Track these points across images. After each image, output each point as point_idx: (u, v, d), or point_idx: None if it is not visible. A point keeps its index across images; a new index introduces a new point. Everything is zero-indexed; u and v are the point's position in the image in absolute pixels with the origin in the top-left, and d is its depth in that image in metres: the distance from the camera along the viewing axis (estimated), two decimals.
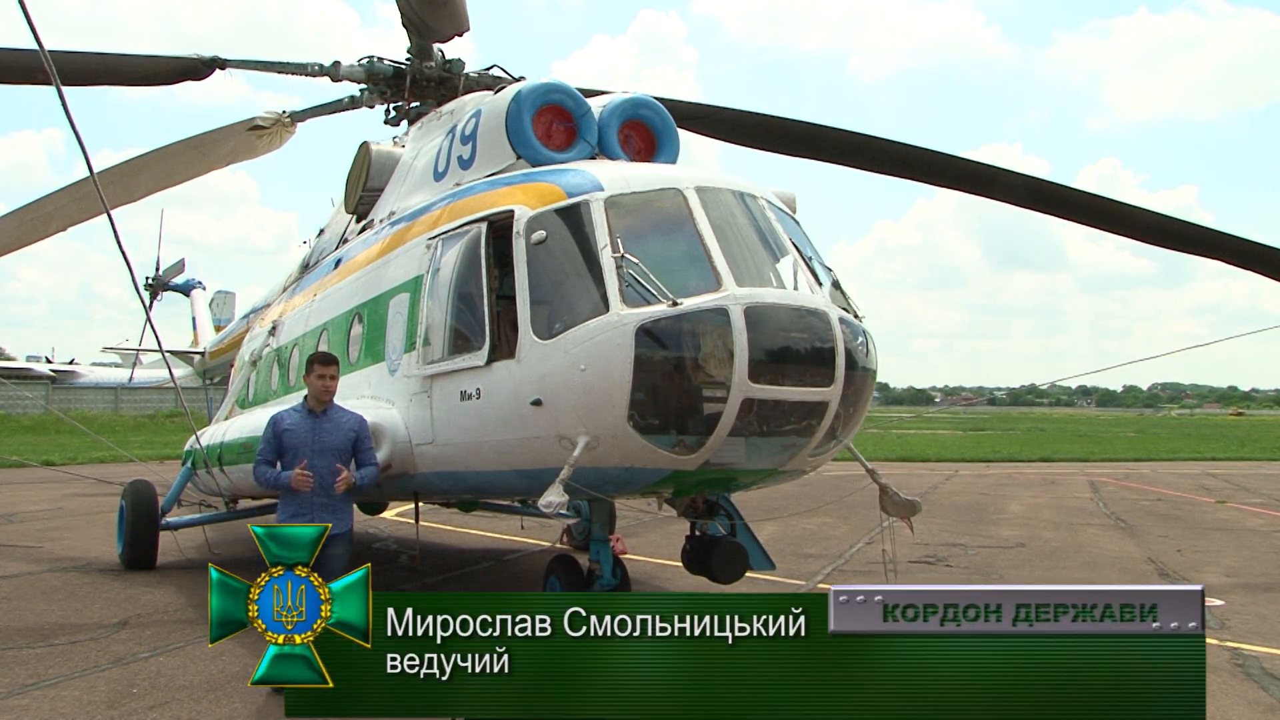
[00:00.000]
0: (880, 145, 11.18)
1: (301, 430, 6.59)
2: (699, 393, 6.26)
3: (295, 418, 6.68)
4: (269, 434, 6.66)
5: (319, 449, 6.56)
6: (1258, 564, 12.31)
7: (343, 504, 6.70)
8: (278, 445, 6.63)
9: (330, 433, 6.64)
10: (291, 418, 6.69)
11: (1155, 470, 29.24)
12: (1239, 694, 6.65)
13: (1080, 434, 56.33)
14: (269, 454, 6.63)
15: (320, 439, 6.59)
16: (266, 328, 12.87)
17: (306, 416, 6.68)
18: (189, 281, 24.58)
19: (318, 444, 6.57)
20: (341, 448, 6.62)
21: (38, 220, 11.98)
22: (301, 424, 6.63)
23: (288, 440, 6.60)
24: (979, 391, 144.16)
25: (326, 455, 6.55)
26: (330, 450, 6.58)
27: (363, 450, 6.78)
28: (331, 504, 6.56)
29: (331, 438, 6.62)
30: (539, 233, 6.86)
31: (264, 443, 6.69)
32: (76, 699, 6.26)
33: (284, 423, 6.67)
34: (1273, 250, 11.37)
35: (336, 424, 6.69)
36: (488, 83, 10.81)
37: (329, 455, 6.56)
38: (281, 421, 6.68)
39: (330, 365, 6.77)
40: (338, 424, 6.70)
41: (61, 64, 7.11)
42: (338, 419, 6.73)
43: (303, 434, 6.57)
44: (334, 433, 6.64)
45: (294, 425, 6.63)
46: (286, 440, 6.60)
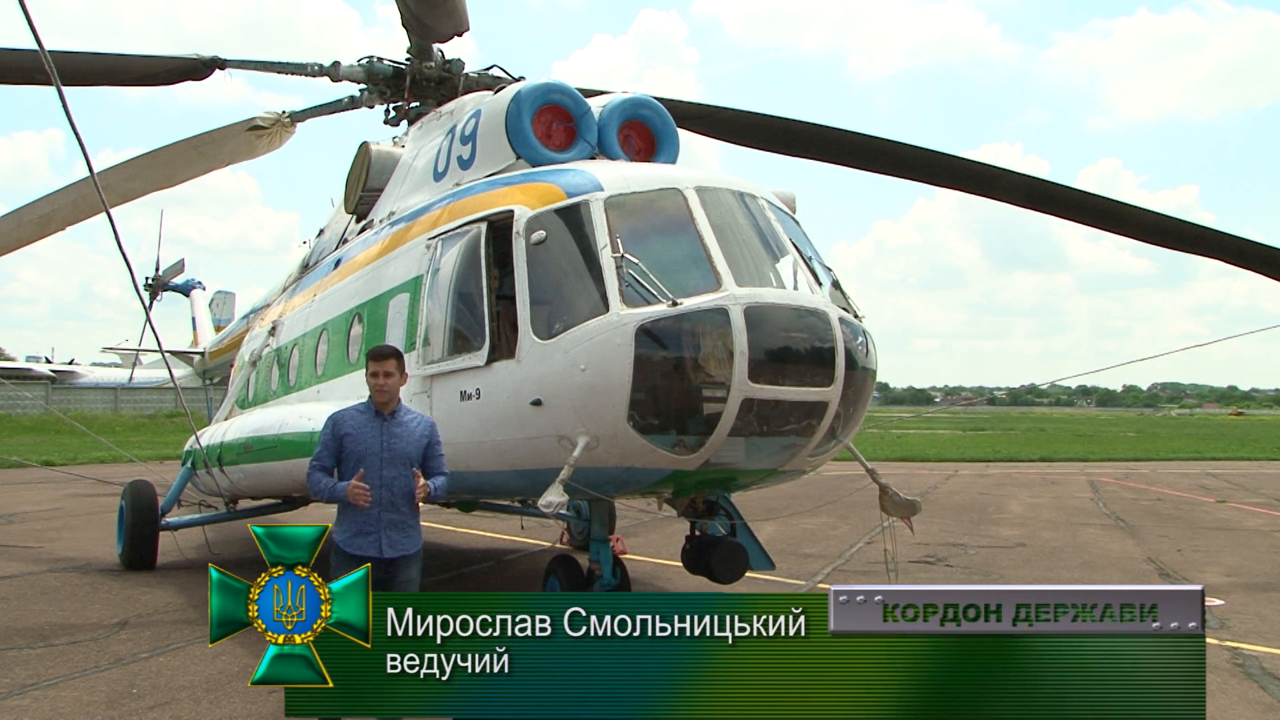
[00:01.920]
0: (880, 145, 11.18)
1: (367, 435, 5.62)
2: (699, 393, 6.27)
3: (360, 420, 5.70)
4: (327, 435, 5.71)
5: (389, 457, 5.61)
6: (1258, 564, 12.31)
7: (415, 520, 5.76)
8: (337, 450, 5.67)
9: (401, 439, 5.66)
10: (355, 420, 5.71)
11: (1155, 470, 29.23)
12: (1239, 694, 6.65)
13: (1080, 434, 56.33)
14: (326, 459, 5.67)
15: (391, 446, 5.63)
16: (266, 328, 12.87)
17: (373, 419, 5.68)
18: (189, 282, 24.57)
19: (388, 451, 5.61)
20: (414, 456, 5.67)
21: (38, 220, 11.98)
22: (368, 428, 5.65)
23: (351, 446, 5.62)
24: (979, 391, 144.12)
25: (397, 464, 5.62)
26: (402, 459, 5.63)
27: (434, 457, 5.79)
28: (403, 520, 5.62)
29: (403, 444, 5.66)
30: (539, 233, 6.86)
31: (321, 445, 5.72)
32: (76, 699, 6.26)
33: (346, 424, 5.69)
34: (1273, 250, 11.37)
35: (407, 429, 5.71)
36: (487, 83, 10.82)
37: (400, 464, 5.62)
38: (343, 423, 5.70)
39: (386, 360, 5.72)
40: (408, 429, 5.72)
41: (61, 64, 7.11)
42: (408, 423, 5.76)
43: (369, 440, 5.61)
44: (405, 439, 5.67)
45: (359, 429, 5.65)
46: (350, 446, 5.63)
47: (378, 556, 5.45)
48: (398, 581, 5.59)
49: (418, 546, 5.73)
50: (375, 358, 5.77)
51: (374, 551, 5.48)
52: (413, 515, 5.70)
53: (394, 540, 5.57)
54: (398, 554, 5.56)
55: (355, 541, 5.53)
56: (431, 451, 5.77)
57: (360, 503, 5.44)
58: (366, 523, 5.54)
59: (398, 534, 5.60)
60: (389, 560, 5.52)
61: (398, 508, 5.60)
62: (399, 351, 5.88)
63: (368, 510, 5.51)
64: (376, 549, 5.50)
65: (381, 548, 5.50)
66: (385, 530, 5.55)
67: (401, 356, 5.83)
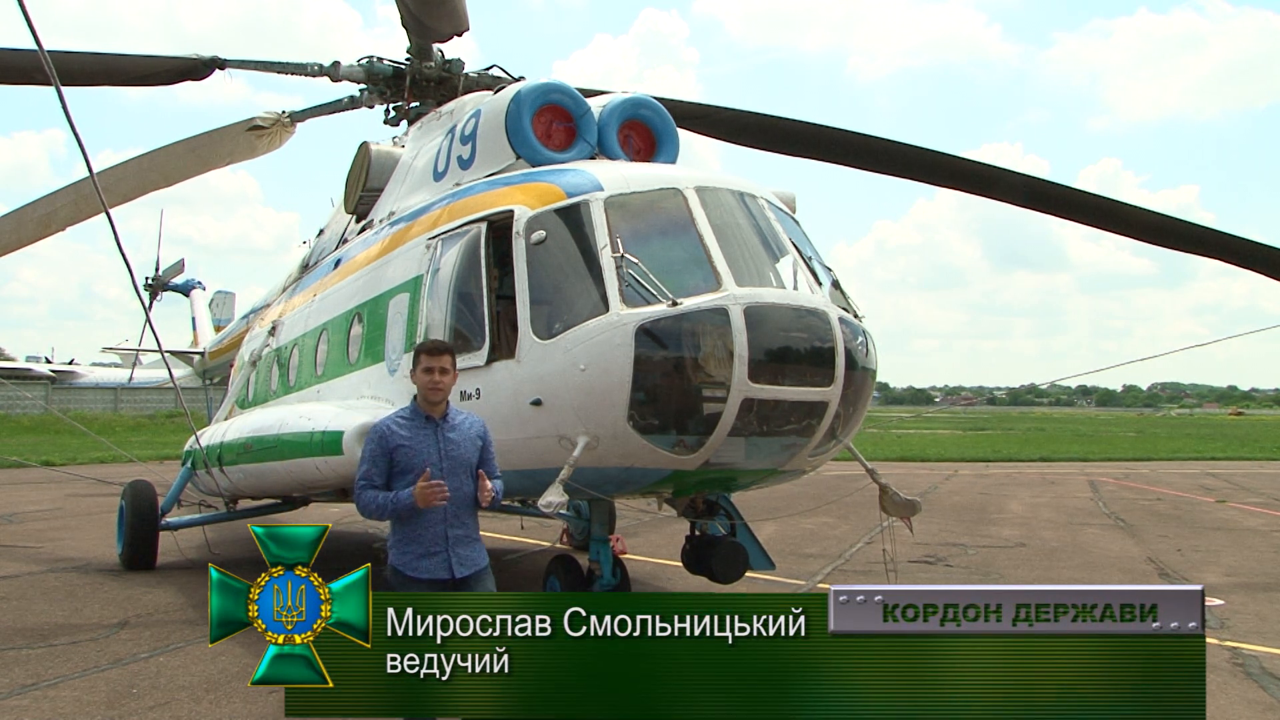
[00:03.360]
0: (880, 145, 11.18)
1: (422, 444, 5.02)
2: (699, 392, 6.27)
3: (410, 429, 5.05)
4: (373, 450, 5.05)
5: (450, 466, 5.01)
6: (1258, 564, 12.30)
7: (478, 532, 5.24)
8: (388, 466, 5.03)
9: (458, 444, 5.09)
10: (405, 429, 5.05)
11: (1155, 470, 29.23)
12: (1239, 694, 6.65)
13: (1080, 434, 56.31)
14: (376, 477, 5.03)
15: (450, 453, 5.04)
16: (266, 328, 12.87)
17: (424, 425, 5.08)
18: (189, 282, 24.59)
19: (448, 459, 5.03)
20: (473, 462, 5.12)
21: (38, 220, 11.98)
22: (420, 436, 5.04)
23: (406, 460, 4.99)
24: (979, 391, 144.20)
25: (458, 473, 5.03)
26: (462, 466, 5.06)
27: (489, 459, 5.25)
28: (468, 535, 5.10)
29: (461, 450, 5.08)
30: (539, 233, 6.86)
31: (366, 462, 5.06)
32: (76, 699, 6.26)
33: (397, 435, 5.03)
34: (1273, 250, 11.37)
35: (462, 432, 5.14)
36: (487, 83, 10.82)
37: (460, 473, 5.05)
38: (392, 435, 5.04)
39: (441, 355, 5.14)
40: (463, 432, 5.14)
41: (61, 64, 7.12)
42: (461, 425, 5.17)
43: (424, 449, 5.00)
44: (462, 444, 5.09)
45: (411, 439, 5.02)
46: (404, 460, 4.99)
47: (449, 578, 4.99)
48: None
49: (486, 560, 5.22)
50: (430, 352, 5.14)
51: (444, 573, 4.98)
52: (476, 527, 5.21)
53: (463, 557, 5.04)
54: (469, 571, 5.06)
55: (420, 564, 4.98)
56: (486, 454, 5.23)
57: (436, 501, 4.86)
58: (432, 542, 4.98)
59: (466, 549, 5.07)
60: (460, 579, 5.02)
61: (463, 521, 5.08)
62: (452, 346, 5.45)
63: (432, 528, 4.97)
64: (446, 569, 4.99)
65: (452, 567, 4.99)
66: (453, 548, 5.01)
67: (454, 353, 5.33)
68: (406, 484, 4.93)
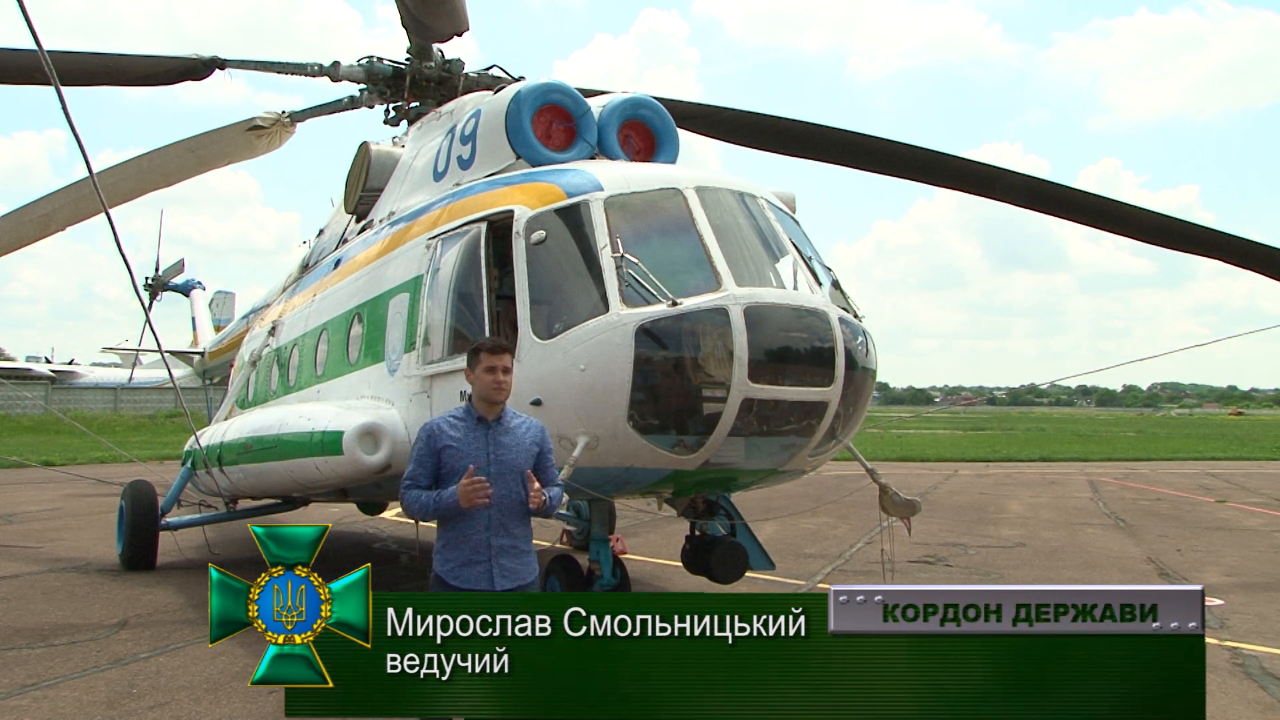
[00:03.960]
0: (880, 145, 11.18)
1: (471, 446, 4.81)
2: (699, 392, 6.28)
3: (460, 429, 4.85)
4: (420, 450, 4.88)
5: (498, 471, 4.79)
6: (1258, 564, 12.30)
7: (529, 543, 4.97)
8: (435, 467, 4.84)
9: (510, 448, 4.85)
10: (455, 429, 4.85)
11: (1155, 470, 29.22)
12: (1239, 693, 6.65)
13: (1080, 434, 56.32)
14: (422, 477, 4.86)
15: (500, 457, 4.81)
16: (266, 328, 12.88)
17: (475, 426, 4.86)
18: (189, 282, 24.59)
19: (496, 464, 4.80)
20: (525, 468, 4.85)
21: (37, 220, 11.98)
22: (471, 437, 4.83)
23: (452, 461, 4.80)
24: (979, 391, 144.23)
25: (507, 479, 4.79)
26: (512, 472, 4.81)
27: (547, 467, 4.98)
28: (515, 545, 4.84)
29: (512, 455, 4.84)
30: (539, 233, 6.87)
31: (414, 462, 4.89)
32: (76, 699, 6.26)
33: (445, 436, 4.83)
34: (1273, 250, 11.37)
35: (516, 436, 4.89)
36: (487, 83, 10.82)
37: (510, 479, 4.80)
38: (441, 434, 4.85)
39: (504, 354, 4.89)
40: (518, 436, 4.89)
41: (61, 64, 7.12)
42: (516, 429, 4.92)
43: (473, 451, 4.80)
44: (514, 448, 4.86)
45: (460, 440, 4.82)
46: (451, 461, 4.80)
47: (489, 589, 4.76)
48: None
49: (534, 575, 4.93)
50: (492, 350, 4.86)
51: (484, 584, 4.76)
52: (526, 537, 4.92)
53: (507, 569, 4.79)
54: (513, 585, 4.80)
55: (461, 573, 4.78)
56: (544, 461, 4.97)
57: (479, 500, 4.64)
58: (474, 550, 4.77)
59: (511, 561, 4.81)
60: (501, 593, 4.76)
61: (509, 530, 4.81)
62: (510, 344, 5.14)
63: (475, 535, 4.76)
64: (487, 580, 4.76)
65: (493, 578, 4.76)
66: (496, 558, 4.77)
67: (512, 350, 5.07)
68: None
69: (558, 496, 4.98)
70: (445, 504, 4.70)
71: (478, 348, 4.95)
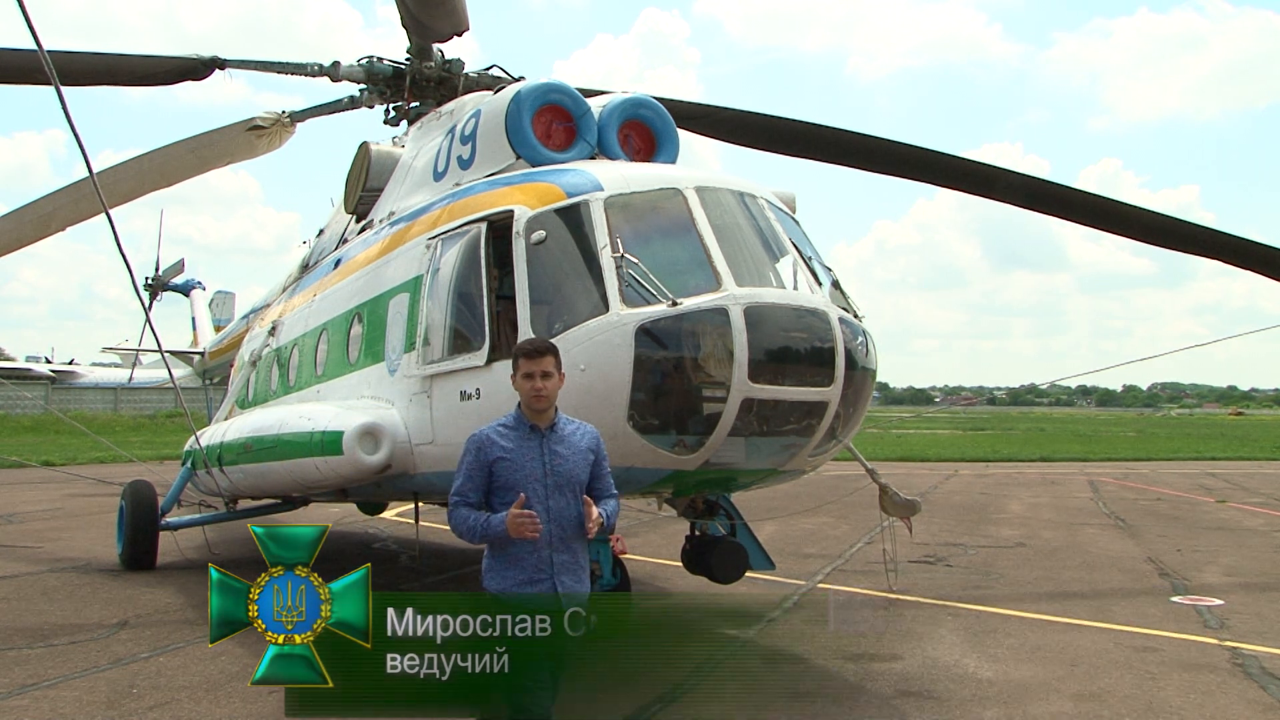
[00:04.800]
0: (880, 145, 11.18)
1: (525, 457, 4.49)
2: (699, 393, 6.28)
3: (512, 440, 4.52)
4: (470, 463, 4.55)
5: (556, 483, 4.49)
6: (1258, 564, 12.30)
7: (585, 557, 4.68)
8: (486, 480, 4.52)
9: (566, 458, 4.54)
10: (506, 439, 4.52)
11: (1155, 470, 29.23)
12: (1239, 694, 6.65)
13: (1080, 434, 56.32)
14: (471, 493, 4.54)
15: (556, 468, 4.50)
16: (266, 328, 12.88)
17: (528, 436, 4.54)
18: (189, 282, 24.59)
19: (554, 475, 4.49)
20: (583, 479, 4.56)
21: (38, 220, 11.98)
22: (524, 448, 4.50)
23: (506, 474, 4.48)
24: (979, 391, 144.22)
25: (564, 491, 4.50)
26: (569, 483, 4.51)
27: (602, 475, 4.67)
28: (575, 561, 4.56)
29: (570, 464, 4.53)
30: (539, 233, 6.87)
31: (463, 476, 4.56)
32: (76, 699, 6.26)
33: (496, 447, 4.51)
34: (1273, 250, 11.37)
35: (571, 445, 4.58)
36: (487, 83, 10.81)
37: (568, 490, 4.51)
38: (491, 445, 4.52)
39: (543, 357, 4.55)
40: (572, 445, 4.59)
41: (61, 64, 7.12)
42: (570, 436, 4.61)
43: (528, 463, 4.48)
44: (570, 457, 4.54)
45: (515, 451, 4.49)
46: (504, 474, 4.48)
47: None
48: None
49: (588, 590, 4.67)
50: (529, 355, 4.55)
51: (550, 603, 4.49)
52: (584, 552, 4.65)
53: (570, 586, 4.50)
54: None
55: (520, 592, 4.50)
56: (599, 468, 4.65)
57: (526, 534, 4.34)
58: (535, 568, 4.46)
59: (572, 579, 4.52)
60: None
61: (569, 545, 4.51)
62: (555, 346, 4.72)
63: (536, 551, 4.43)
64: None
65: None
66: (558, 575, 4.47)
67: (559, 352, 4.67)
68: (507, 502, 4.42)
69: (614, 510, 4.70)
70: (494, 532, 4.42)
71: (516, 352, 4.65)
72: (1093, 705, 6.32)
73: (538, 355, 4.56)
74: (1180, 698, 6.50)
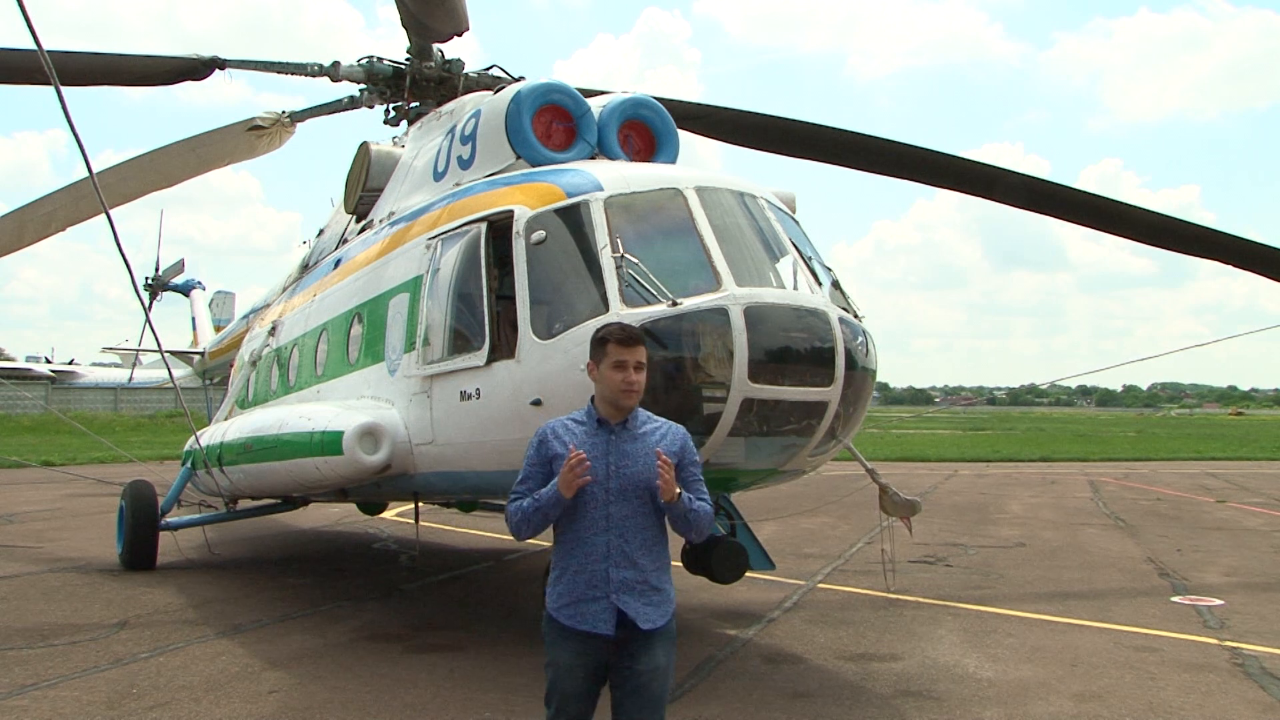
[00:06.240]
0: (880, 145, 11.19)
1: (590, 455, 3.88)
2: (699, 392, 6.27)
3: (578, 435, 3.98)
4: (531, 459, 4.04)
5: (622, 486, 3.90)
6: (1258, 564, 12.29)
7: (665, 577, 4.00)
8: (546, 477, 3.96)
9: (637, 458, 3.93)
10: (571, 435, 3.99)
11: (1155, 470, 29.22)
12: (1239, 694, 6.64)
13: (1080, 434, 56.32)
14: (529, 488, 4.02)
15: (622, 469, 3.92)
16: (266, 328, 12.88)
17: (596, 431, 3.99)
18: (189, 282, 24.61)
19: (618, 477, 3.90)
20: (654, 482, 3.89)
21: (38, 220, 11.99)
22: (588, 445, 3.93)
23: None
24: (979, 391, 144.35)
25: (630, 498, 3.90)
26: (636, 487, 3.91)
27: (690, 483, 4.02)
28: (642, 580, 3.89)
29: (639, 466, 3.92)
30: (539, 233, 6.87)
31: (524, 471, 4.07)
32: (76, 699, 6.26)
33: (558, 443, 3.97)
34: (1273, 250, 11.37)
35: (645, 444, 3.97)
36: (487, 83, 10.82)
37: (634, 497, 3.91)
38: (554, 439, 4.00)
39: (637, 346, 3.97)
40: (647, 444, 3.97)
41: (61, 64, 7.12)
42: (646, 435, 4.01)
43: (591, 461, 3.87)
44: (642, 458, 3.93)
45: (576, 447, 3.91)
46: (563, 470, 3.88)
47: (608, 634, 3.84)
48: (638, 670, 3.86)
49: (668, 617, 3.95)
50: (622, 342, 3.95)
51: (604, 626, 3.83)
52: (659, 571, 3.96)
53: (633, 608, 3.85)
54: (646, 626, 3.88)
55: (573, 611, 3.86)
56: (686, 474, 4.01)
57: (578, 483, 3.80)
58: (591, 584, 3.85)
59: (637, 600, 3.87)
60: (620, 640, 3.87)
61: (634, 560, 3.88)
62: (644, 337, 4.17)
63: (591, 565, 3.86)
64: (608, 621, 3.84)
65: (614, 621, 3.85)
66: (618, 594, 3.84)
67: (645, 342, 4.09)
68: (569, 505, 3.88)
69: (706, 513, 4.00)
70: (546, 500, 3.86)
71: (604, 336, 4.00)
72: (1093, 705, 6.31)
73: (632, 343, 3.96)
74: (1180, 698, 6.50)
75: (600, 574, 3.85)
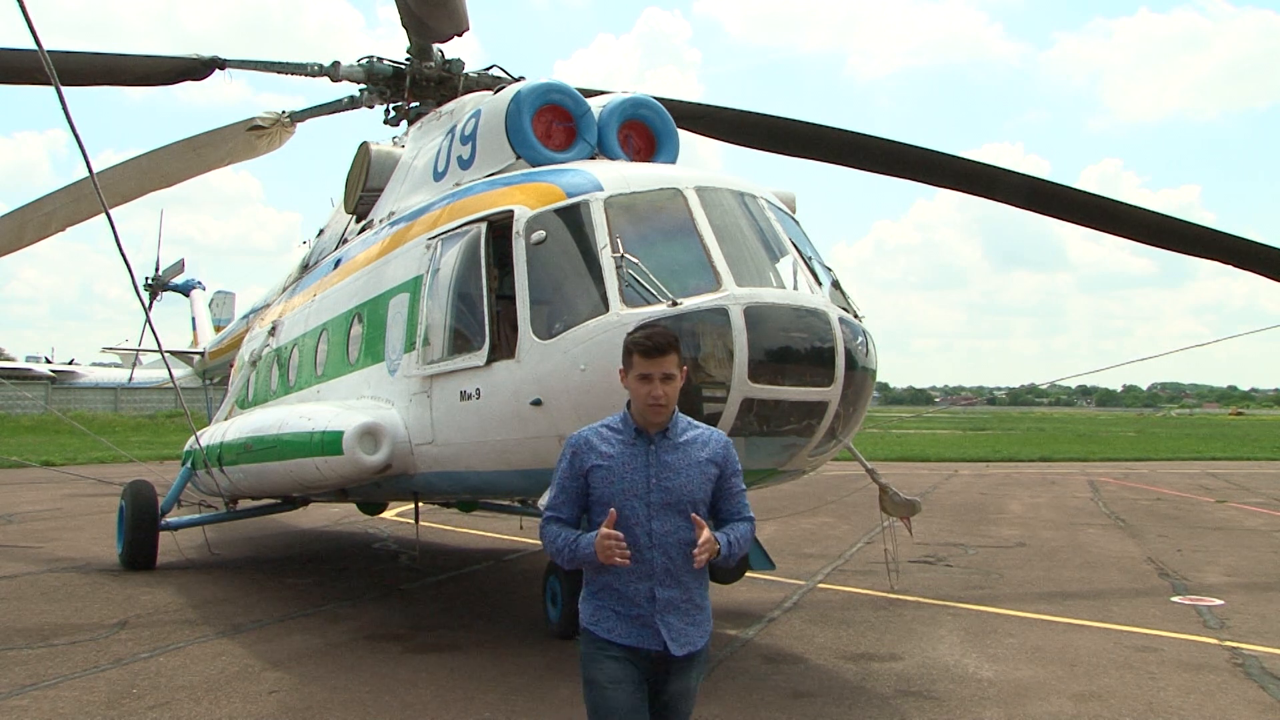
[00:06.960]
0: (880, 145, 11.19)
1: (627, 467, 3.66)
2: (699, 392, 6.28)
3: (614, 445, 3.70)
4: (565, 472, 3.74)
5: (664, 501, 3.64)
6: (1258, 564, 12.29)
7: (705, 595, 3.79)
8: (581, 491, 3.72)
9: (679, 470, 3.68)
10: (608, 444, 3.71)
11: (1155, 470, 29.22)
12: (1239, 694, 6.64)
13: (1080, 434, 56.31)
14: (565, 507, 3.74)
15: (664, 482, 3.65)
16: (266, 328, 12.88)
17: (634, 440, 3.71)
18: (189, 282, 24.62)
19: (660, 491, 3.64)
20: (699, 496, 3.68)
21: (38, 220, 11.99)
22: (627, 455, 3.68)
23: (602, 485, 3.67)
24: (979, 391, 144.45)
25: (673, 512, 3.64)
26: (680, 502, 3.65)
27: (732, 493, 3.78)
28: (687, 599, 3.69)
29: (682, 479, 3.67)
30: (539, 233, 6.87)
31: (556, 485, 3.76)
32: (76, 699, 6.26)
33: (594, 453, 3.69)
34: (1273, 250, 11.37)
35: (687, 455, 3.70)
36: (487, 83, 10.82)
37: (677, 511, 3.65)
38: (589, 450, 3.71)
39: (664, 357, 3.63)
40: (688, 454, 3.70)
41: (61, 64, 7.12)
42: (688, 445, 3.73)
43: (629, 475, 3.65)
44: (685, 469, 3.68)
45: (614, 459, 3.67)
46: (600, 485, 3.67)
47: (659, 650, 3.64)
48: (669, 690, 3.71)
49: (705, 640, 3.76)
50: (647, 353, 3.64)
51: (654, 642, 3.64)
52: (702, 589, 3.77)
53: (676, 629, 3.65)
54: (683, 650, 3.65)
55: (620, 628, 3.66)
56: (726, 486, 3.76)
57: (615, 561, 3.53)
58: (635, 602, 3.64)
59: (680, 620, 3.66)
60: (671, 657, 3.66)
61: (678, 578, 3.66)
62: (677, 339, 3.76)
63: (634, 582, 3.63)
64: (656, 638, 3.64)
65: (663, 639, 3.63)
66: (662, 614, 3.62)
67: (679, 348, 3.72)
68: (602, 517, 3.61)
69: (744, 535, 3.77)
70: (583, 556, 3.60)
71: (631, 347, 3.69)
72: (1093, 705, 6.31)
73: (658, 354, 3.63)
74: (1180, 698, 6.50)
75: (644, 592, 3.63)
